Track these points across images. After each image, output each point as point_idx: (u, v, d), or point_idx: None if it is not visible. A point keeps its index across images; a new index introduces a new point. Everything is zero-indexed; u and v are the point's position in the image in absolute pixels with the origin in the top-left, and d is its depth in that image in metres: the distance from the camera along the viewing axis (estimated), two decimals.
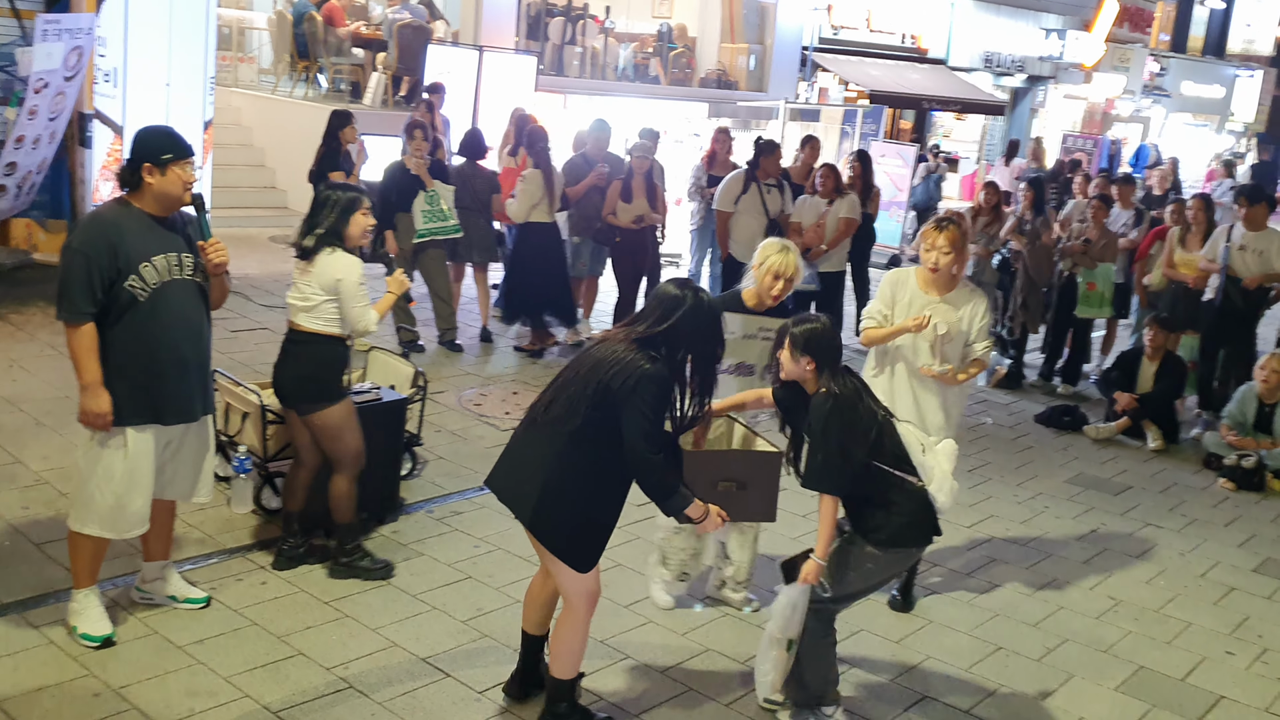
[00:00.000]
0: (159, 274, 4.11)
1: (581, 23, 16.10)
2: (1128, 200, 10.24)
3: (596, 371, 3.67)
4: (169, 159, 4.08)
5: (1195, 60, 31.39)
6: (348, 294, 4.67)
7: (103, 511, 4.19)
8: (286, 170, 13.27)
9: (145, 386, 4.15)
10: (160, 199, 4.13)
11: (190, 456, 4.44)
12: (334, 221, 4.74)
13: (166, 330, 4.17)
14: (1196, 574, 5.94)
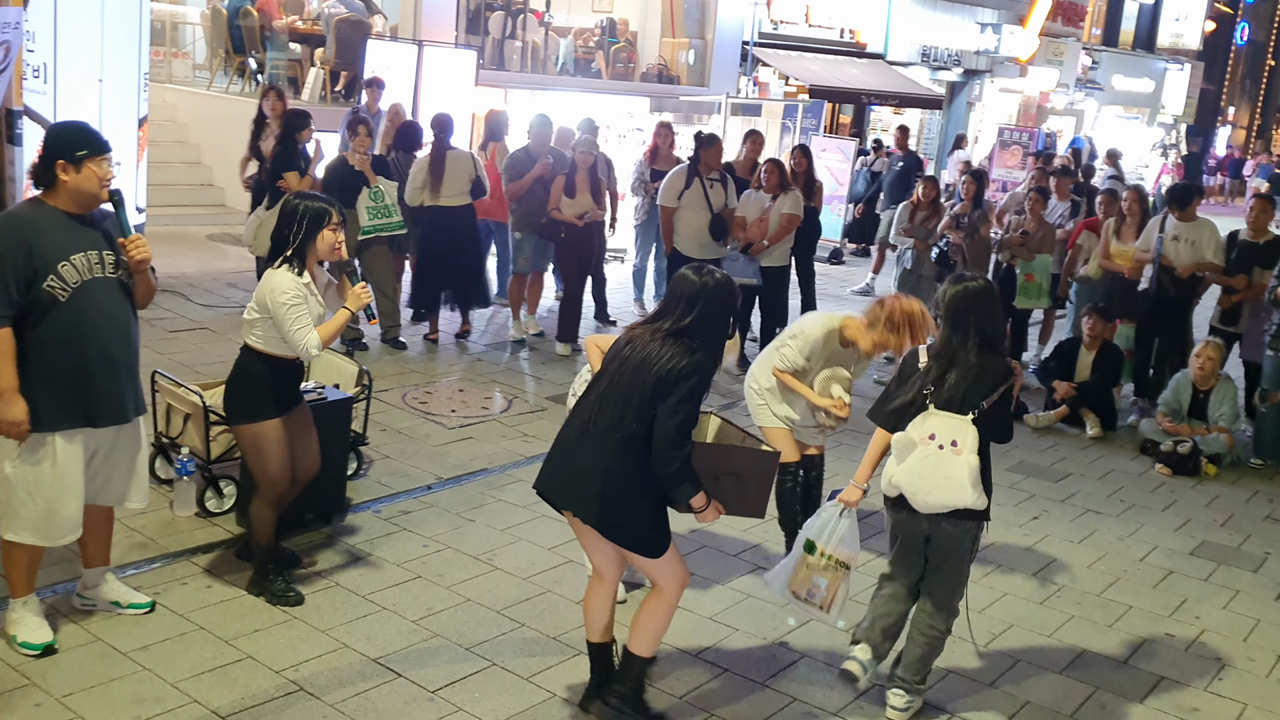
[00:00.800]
0: (79, 273, 4.00)
1: (522, 17, 16.02)
2: (1065, 192, 10.43)
3: (642, 375, 3.72)
4: (84, 155, 3.97)
5: (1126, 54, 32.03)
6: (279, 316, 4.44)
7: (34, 519, 4.08)
8: (223, 167, 13.05)
9: (72, 389, 4.05)
10: (76, 196, 4.02)
11: (123, 460, 4.34)
12: (299, 236, 4.54)
13: (91, 330, 4.06)
14: (1136, 558, 6.08)
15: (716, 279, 3.83)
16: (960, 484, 4.06)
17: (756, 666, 4.62)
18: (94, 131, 4.12)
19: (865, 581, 4.94)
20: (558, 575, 5.26)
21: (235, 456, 5.53)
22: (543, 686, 4.33)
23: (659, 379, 3.69)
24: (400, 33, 14.14)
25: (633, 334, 3.89)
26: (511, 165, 9.11)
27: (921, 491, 4.09)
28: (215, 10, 14.18)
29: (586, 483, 3.83)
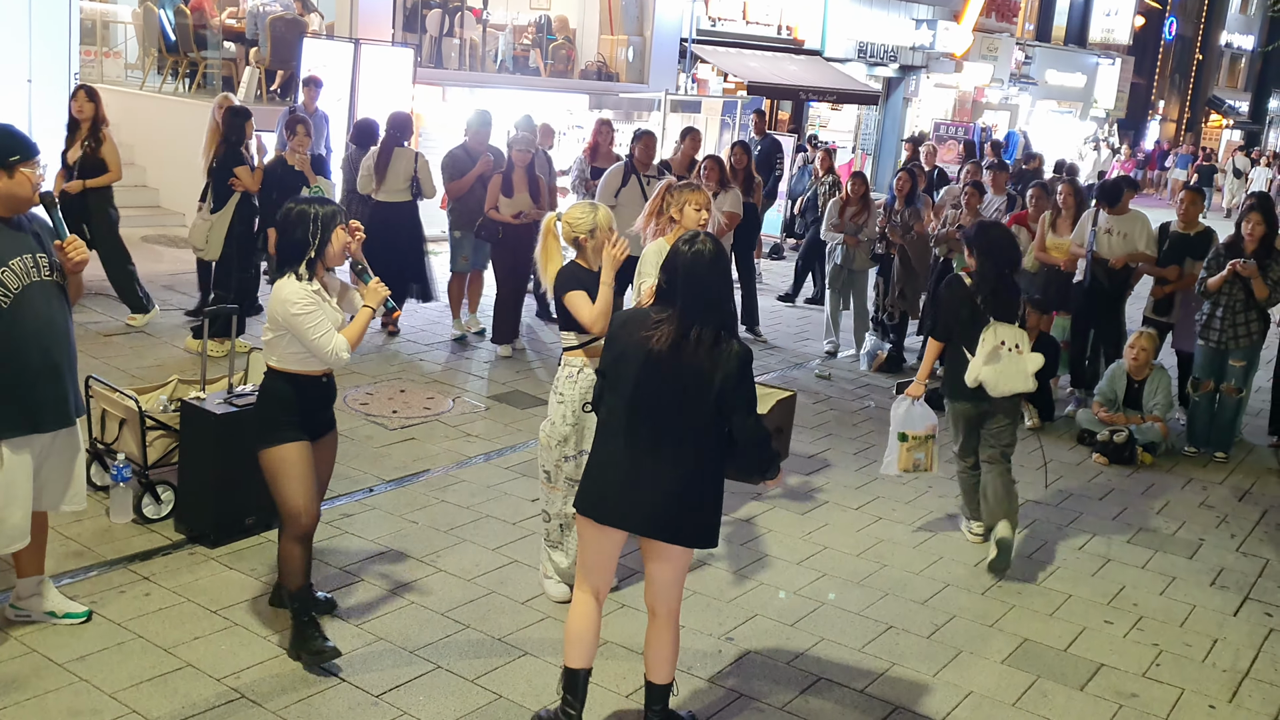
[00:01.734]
0: (19, 278, 3.96)
1: (459, 14, 15.91)
2: (1000, 186, 10.58)
3: (696, 384, 3.65)
4: (16, 160, 3.93)
5: (1059, 49, 32.60)
6: (297, 327, 4.10)
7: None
8: (158, 168, 12.84)
9: (18, 396, 4.00)
10: (8, 202, 3.97)
11: (60, 463, 4.29)
12: (317, 239, 4.18)
13: (34, 335, 4.01)
14: (1074, 547, 6.18)
15: (697, 247, 3.73)
16: (1026, 376, 5.63)
17: (702, 662, 4.63)
18: (22, 135, 4.06)
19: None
20: (502, 576, 5.24)
21: (172, 462, 5.44)
22: (489, 689, 4.31)
23: (721, 390, 3.64)
24: (337, 31, 13.98)
25: (648, 332, 3.70)
26: (450, 164, 9.04)
27: (1001, 383, 5.59)
28: (147, 9, 13.92)
29: (666, 503, 3.73)
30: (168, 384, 5.99)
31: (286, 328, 4.14)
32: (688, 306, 3.67)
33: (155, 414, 5.48)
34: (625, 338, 3.78)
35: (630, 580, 5.27)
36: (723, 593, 5.24)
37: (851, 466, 7.17)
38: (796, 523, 6.16)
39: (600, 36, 18.15)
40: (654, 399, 3.72)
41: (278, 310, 4.13)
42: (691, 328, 3.65)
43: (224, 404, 5.21)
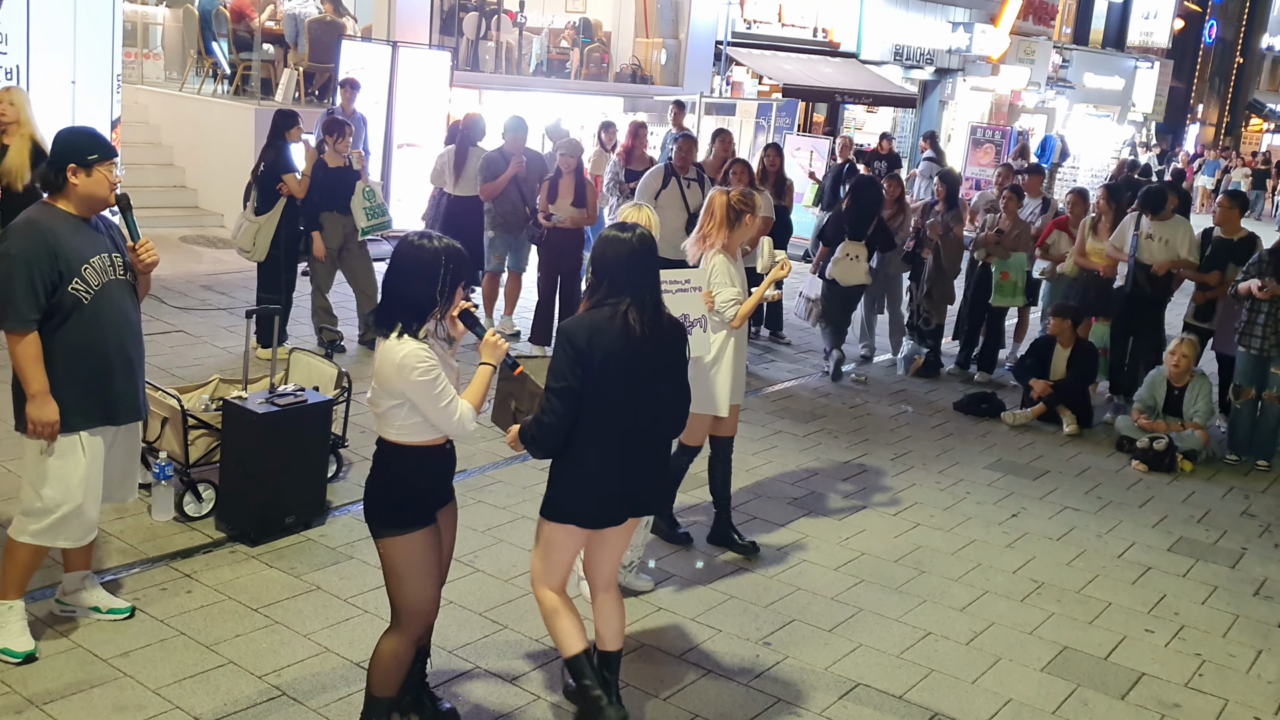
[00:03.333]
0: (99, 275, 4.10)
1: (496, 17, 15.99)
2: (1036, 190, 10.51)
3: (668, 354, 3.89)
4: (95, 159, 4.04)
5: (1096, 52, 32.31)
6: (421, 395, 3.47)
7: (60, 523, 4.13)
8: (196, 169, 12.98)
9: (96, 389, 4.13)
10: (85, 201, 4.10)
11: (125, 457, 4.43)
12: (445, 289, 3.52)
13: (111, 331, 4.16)
14: (1114, 555, 6.12)
15: (639, 233, 3.88)
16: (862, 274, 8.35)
17: (740, 667, 4.62)
18: (102, 136, 4.21)
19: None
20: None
21: (214, 461, 5.50)
22: (527, 689, 4.32)
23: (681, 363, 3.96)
24: (374, 34, 14.08)
25: (620, 324, 3.76)
26: (486, 166, 9.09)
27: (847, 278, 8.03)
28: (187, 11, 14.07)
29: (657, 483, 4.04)
30: (209, 383, 6.05)
31: (405, 396, 3.49)
32: (642, 288, 3.82)
33: (197, 413, 5.54)
34: (601, 346, 3.71)
35: (665, 583, 5.28)
36: (760, 598, 5.23)
37: (889, 473, 7.13)
38: (834, 528, 6.13)
39: (635, 39, 18.17)
40: (649, 385, 3.83)
41: (394, 377, 3.45)
42: (655, 306, 3.85)
43: (266, 403, 5.26)
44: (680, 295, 4.97)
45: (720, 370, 5.37)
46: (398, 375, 3.45)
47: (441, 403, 3.50)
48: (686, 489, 6.01)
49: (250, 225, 8.05)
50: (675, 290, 4.94)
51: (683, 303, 4.97)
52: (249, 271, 8.68)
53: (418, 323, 3.48)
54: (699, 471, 5.83)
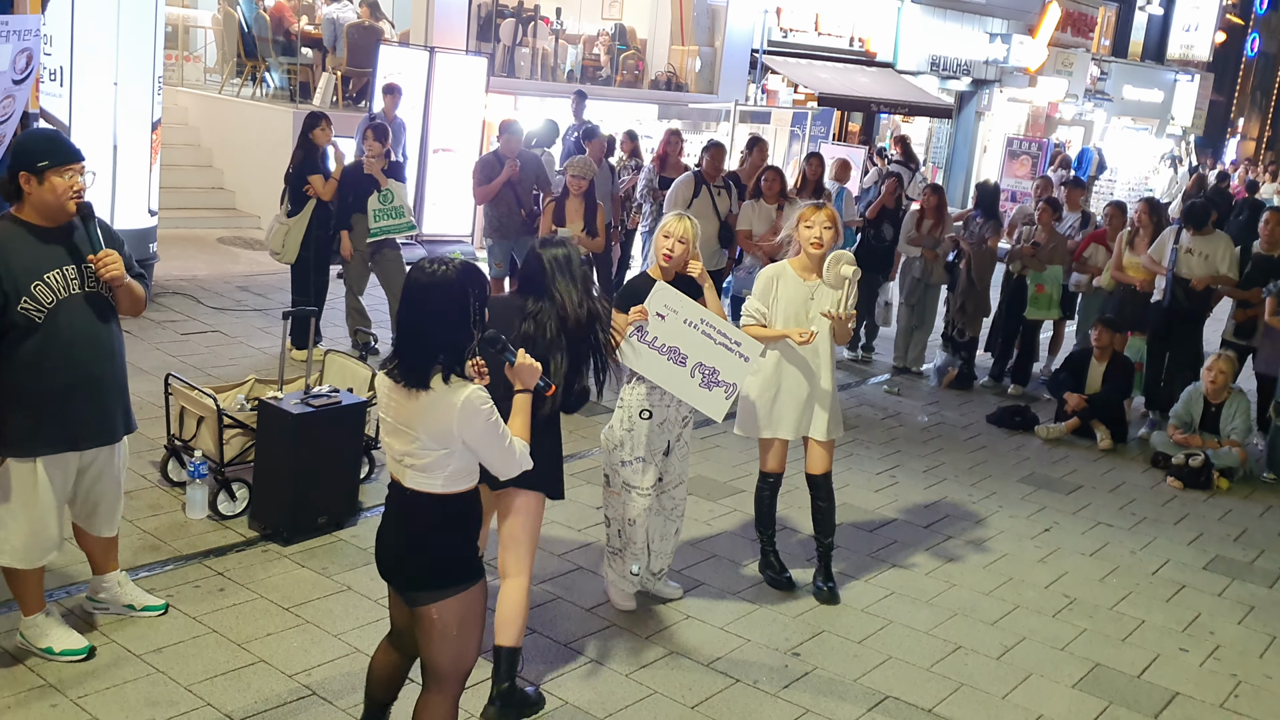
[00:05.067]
0: (53, 292, 3.83)
1: (532, 24, 16.05)
2: (1075, 204, 10.42)
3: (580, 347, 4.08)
4: (45, 166, 3.77)
5: (1135, 65, 32.03)
6: (488, 437, 3.20)
7: (17, 543, 4.02)
8: (234, 170, 13.11)
9: (53, 413, 3.92)
10: (41, 210, 3.83)
11: (108, 489, 4.25)
12: (470, 325, 3.19)
13: (70, 350, 3.90)
14: (1148, 572, 6.06)
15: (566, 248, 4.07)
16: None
17: (769, 677, 4.61)
18: (62, 140, 3.94)
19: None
20: (567, 582, 5.26)
21: (248, 460, 5.54)
22: (554, 694, 4.32)
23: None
24: (412, 39, 14.17)
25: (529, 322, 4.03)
26: (481, 169, 9.03)
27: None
28: (227, 14, 14.23)
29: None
30: (245, 383, 6.10)
31: (464, 443, 3.20)
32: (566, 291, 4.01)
33: (233, 412, 5.59)
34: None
35: (694, 591, 5.27)
36: (789, 608, 5.21)
37: (920, 485, 7.09)
38: (864, 540, 6.10)
39: (670, 47, 18.19)
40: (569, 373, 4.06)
41: (455, 424, 3.14)
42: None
43: (300, 404, 5.30)
44: (721, 350, 4.73)
45: (759, 390, 5.20)
46: (461, 422, 3.13)
47: (505, 442, 3.25)
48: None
49: (281, 227, 8.13)
50: (718, 341, 4.72)
51: (720, 358, 4.73)
52: (284, 273, 8.76)
53: (459, 362, 3.18)
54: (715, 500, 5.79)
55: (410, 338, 3.15)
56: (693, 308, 4.74)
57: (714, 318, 4.78)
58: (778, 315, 5.12)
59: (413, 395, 3.14)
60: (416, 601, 3.27)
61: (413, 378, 3.13)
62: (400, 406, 3.17)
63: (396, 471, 3.27)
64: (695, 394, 4.76)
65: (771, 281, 5.16)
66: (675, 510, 5.07)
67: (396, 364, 3.18)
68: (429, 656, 3.32)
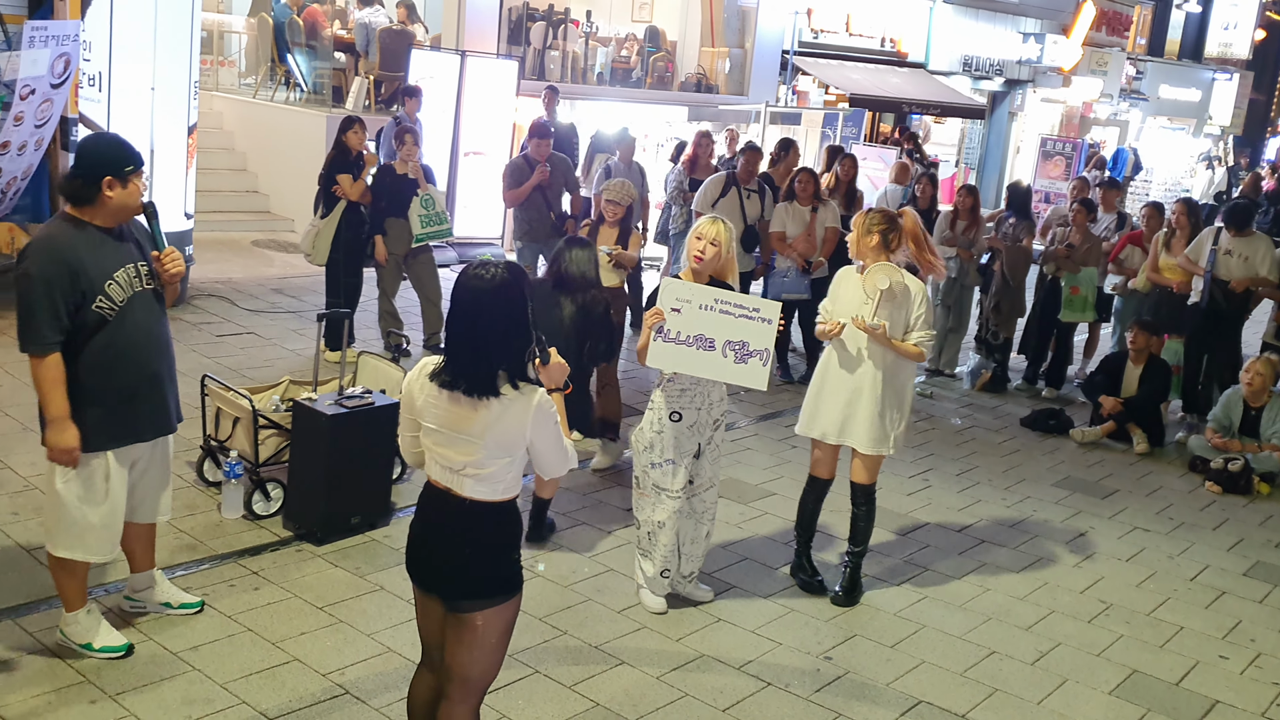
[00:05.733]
0: (123, 290, 3.96)
1: (562, 27, 16.09)
2: (1111, 204, 10.32)
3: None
4: (130, 171, 3.92)
5: (1172, 64, 31.68)
6: (555, 436, 3.20)
7: (87, 537, 4.10)
8: (269, 174, 13.22)
9: (121, 407, 4.03)
10: (118, 212, 3.96)
11: (159, 473, 4.35)
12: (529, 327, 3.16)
13: (136, 347, 4.03)
14: (1186, 577, 5.98)
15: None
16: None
17: (801, 680, 4.59)
18: (131, 145, 4.07)
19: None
20: (599, 584, 5.26)
21: (283, 460, 5.59)
22: (586, 695, 4.33)
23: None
24: (443, 43, 14.24)
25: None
26: (510, 173, 9.06)
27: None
28: (262, 19, 14.35)
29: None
30: (280, 384, 6.15)
31: (533, 446, 3.18)
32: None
33: (268, 413, 5.63)
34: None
35: (726, 594, 5.25)
36: (821, 612, 5.19)
37: (953, 488, 7.04)
38: (897, 544, 6.07)
39: (700, 49, 18.18)
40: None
41: (529, 428, 3.13)
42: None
43: (334, 405, 5.33)
44: (744, 322, 4.74)
45: (811, 386, 5.21)
46: (535, 425, 3.11)
47: (564, 442, 3.23)
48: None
49: (312, 229, 8.19)
50: (738, 315, 4.73)
51: (745, 330, 4.74)
52: (317, 275, 8.82)
53: (524, 365, 3.13)
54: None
55: (469, 346, 3.08)
56: (704, 292, 4.74)
57: (726, 294, 4.79)
58: (835, 315, 5.10)
59: (480, 404, 3.07)
60: (462, 609, 3.21)
61: (479, 386, 3.06)
62: (462, 417, 3.10)
63: (451, 482, 3.17)
64: (732, 371, 4.77)
65: (839, 282, 5.18)
66: (706, 513, 5.06)
67: (452, 374, 3.09)
68: (462, 665, 3.26)
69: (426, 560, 3.26)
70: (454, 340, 3.11)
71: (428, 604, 3.33)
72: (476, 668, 3.27)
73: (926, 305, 5.03)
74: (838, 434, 5.15)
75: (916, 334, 5.01)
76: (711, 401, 4.92)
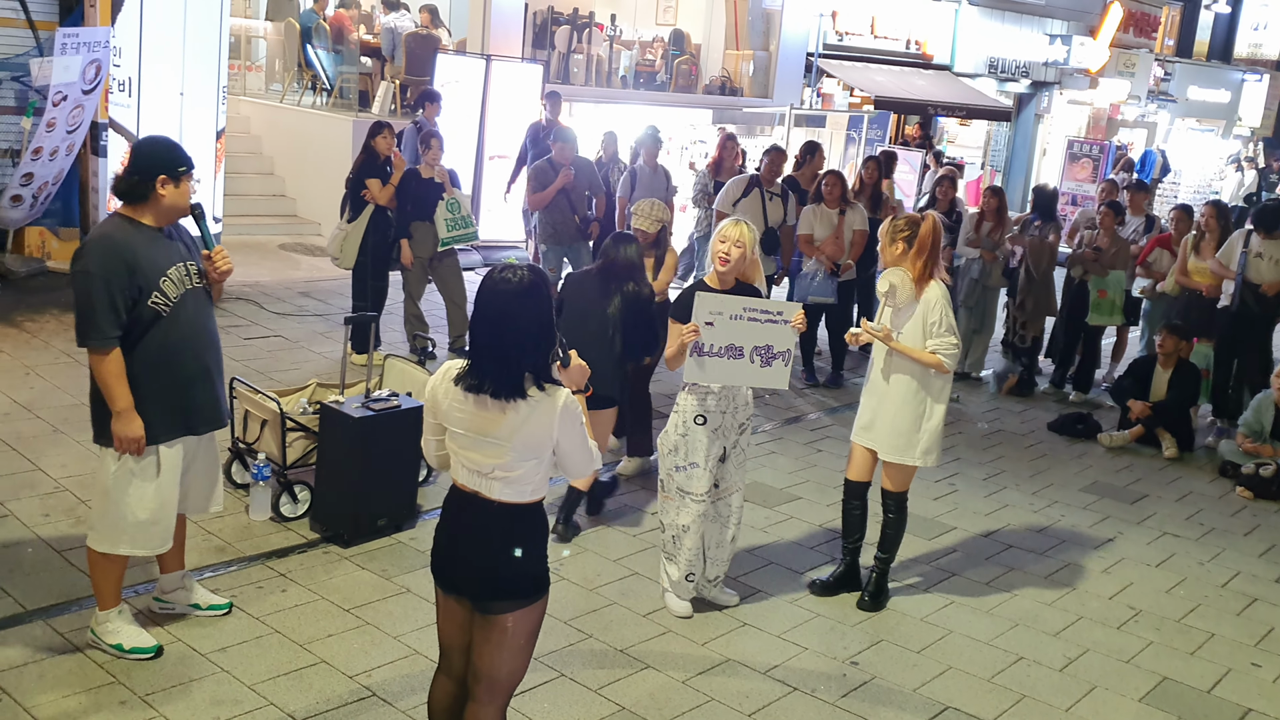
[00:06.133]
0: (176, 287, 4.10)
1: (587, 30, 16.11)
2: (1139, 207, 10.24)
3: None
4: (183, 171, 4.08)
5: (1201, 65, 31.40)
6: (581, 437, 3.24)
7: (135, 531, 4.18)
8: (295, 178, 13.30)
9: (176, 401, 4.16)
10: (169, 212, 4.10)
11: (206, 466, 4.46)
12: (553, 330, 3.22)
13: (189, 341, 4.17)
14: (1217, 584, 5.92)
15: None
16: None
17: (827, 685, 4.57)
18: (183, 148, 4.23)
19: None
20: (624, 587, 5.26)
21: (310, 463, 5.61)
22: (611, 699, 4.33)
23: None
24: (468, 47, 14.29)
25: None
26: (535, 176, 9.08)
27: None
28: (289, 25, 14.44)
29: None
30: (307, 387, 6.18)
31: (559, 446, 3.21)
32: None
33: (295, 416, 5.66)
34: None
35: (751, 598, 5.24)
36: (847, 616, 5.17)
37: (980, 493, 7.00)
38: (923, 548, 6.04)
39: (725, 51, 18.16)
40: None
41: (556, 428, 3.16)
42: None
43: (361, 408, 5.36)
44: (769, 326, 4.79)
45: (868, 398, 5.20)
46: (562, 425, 3.15)
47: (588, 443, 3.26)
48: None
49: (339, 232, 8.24)
50: (764, 320, 4.77)
51: (769, 334, 4.79)
52: (344, 279, 8.87)
53: (546, 369, 3.16)
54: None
55: (494, 350, 3.09)
56: (732, 302, 4.77)
57: (752, 301, 4.81)
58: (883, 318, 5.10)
59: (507, 407, 3.09)
60: (491, 610, 3.22)
61: (507, 389, 3.08)
62: (489, 420, 3.12)
63: (480, 485, 3.18)
64: (758, 376, 4.84)
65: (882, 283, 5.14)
66: (731, 517, 5.05)
67: (479, 378, 3.11)
68: (489, 666, 3.26)
69: (455, 563, 3.26)
70: (479, 344, 3.13)
71: (451, 607, 3.33)
72: (505, 668, 3.28)
73: (942, 311, 4.94)
74: (866, 436, 5.16)
75: (933, 341, 4.94)
76: (736, 405, 4.92)
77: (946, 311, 4.95)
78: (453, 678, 3.43)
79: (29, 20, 9.40)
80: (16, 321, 8.32)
